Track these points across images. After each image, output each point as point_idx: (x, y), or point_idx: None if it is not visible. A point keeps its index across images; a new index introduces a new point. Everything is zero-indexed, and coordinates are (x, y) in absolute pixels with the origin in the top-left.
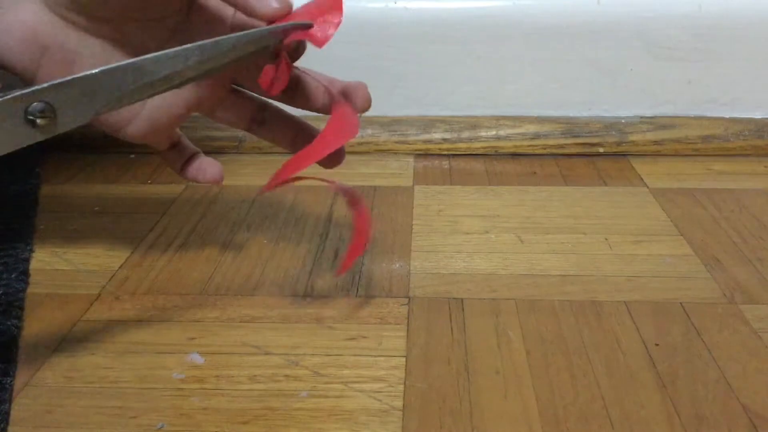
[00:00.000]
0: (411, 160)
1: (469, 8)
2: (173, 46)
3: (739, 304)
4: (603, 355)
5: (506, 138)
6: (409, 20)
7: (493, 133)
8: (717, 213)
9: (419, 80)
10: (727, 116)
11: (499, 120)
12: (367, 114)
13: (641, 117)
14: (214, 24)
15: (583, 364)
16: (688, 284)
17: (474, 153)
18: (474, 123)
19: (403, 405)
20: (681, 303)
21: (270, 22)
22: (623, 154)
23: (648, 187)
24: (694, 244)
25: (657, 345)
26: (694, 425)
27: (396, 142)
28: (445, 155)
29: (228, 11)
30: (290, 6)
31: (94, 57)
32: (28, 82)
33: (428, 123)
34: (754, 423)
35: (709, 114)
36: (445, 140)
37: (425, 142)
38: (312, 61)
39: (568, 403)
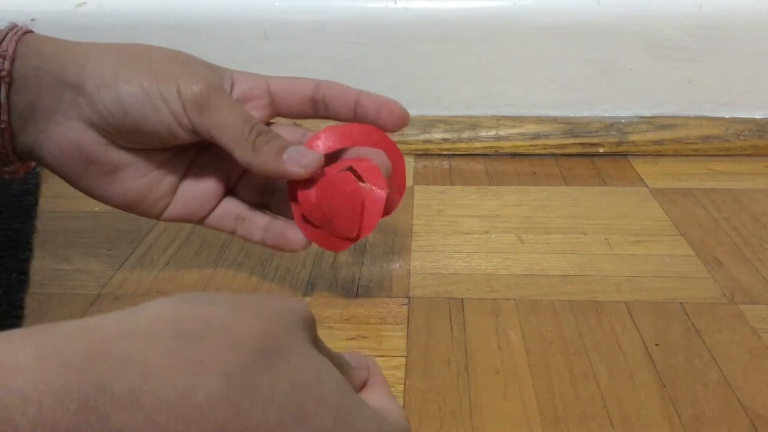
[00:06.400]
0: (411, 160)
1: (469, 8)
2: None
3: (739, 304)
4: (603, 355)
5: (506, 138)
6: (409, 20)
7: (493, 133)
8: (717, 213)
9: (419, 80)
10: (727, 116)
11: (499, 120)
12: None
13: (641, 117)
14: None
15: (583, 364)
16: (688, 284)
17: (474, 153)
18: (474, 123)
19: (403, 405)
20: (681, 303)
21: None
22: (623, 154)
23: (648, 187)
24: (694, 244)
25: (657, 345)
26: (694, 425)
27: (396, 142)
28: (445, 155)
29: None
30: (320, 162)
31: (133, 168)
32: (72, 184)
33: (428, 123)
34: (754, 423)
35: (709, 114)
36: (445, 140)
37: (425, 142)
38: (312, 62)
39: (568, 403)
